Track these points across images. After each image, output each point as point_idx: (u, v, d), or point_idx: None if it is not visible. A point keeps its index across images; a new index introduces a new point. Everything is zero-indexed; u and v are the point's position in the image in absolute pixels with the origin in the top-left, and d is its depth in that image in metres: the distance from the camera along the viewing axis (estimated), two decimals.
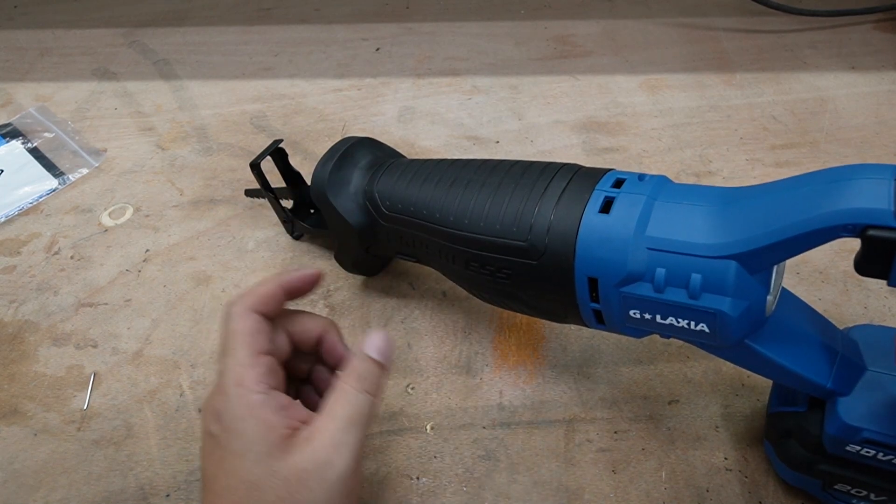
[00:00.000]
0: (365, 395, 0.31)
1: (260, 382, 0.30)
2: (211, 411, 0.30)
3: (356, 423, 0.30)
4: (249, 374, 0.30)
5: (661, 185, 0.32)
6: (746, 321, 0.29)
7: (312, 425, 0.29)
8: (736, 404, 0.40)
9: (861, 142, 0.58)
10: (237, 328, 0.31)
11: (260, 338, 0.32)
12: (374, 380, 0.32)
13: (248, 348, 0.31)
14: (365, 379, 0.31)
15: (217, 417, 0.30)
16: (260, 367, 0.31)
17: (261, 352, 0.31)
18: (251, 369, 0.30)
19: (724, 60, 0.69)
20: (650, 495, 0.37)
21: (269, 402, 0.30)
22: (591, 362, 0.43)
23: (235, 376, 0.30)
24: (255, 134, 0.64)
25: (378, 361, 0.32)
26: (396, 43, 0.76)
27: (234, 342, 0.31)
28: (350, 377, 0.31)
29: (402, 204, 0.40)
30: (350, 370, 0.31)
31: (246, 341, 0.31)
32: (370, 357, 0.32)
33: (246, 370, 0.30)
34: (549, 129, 0.62)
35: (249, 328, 0.31)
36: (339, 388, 0.31)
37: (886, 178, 0.25)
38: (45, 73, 0.74)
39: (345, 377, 0.31)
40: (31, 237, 0.55)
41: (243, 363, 0.30)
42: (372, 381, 0.31)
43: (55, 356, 0.46)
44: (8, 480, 0.39)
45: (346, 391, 0.30)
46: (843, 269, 0.47)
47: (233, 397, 0.29)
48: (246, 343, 0.31)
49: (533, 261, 0.33)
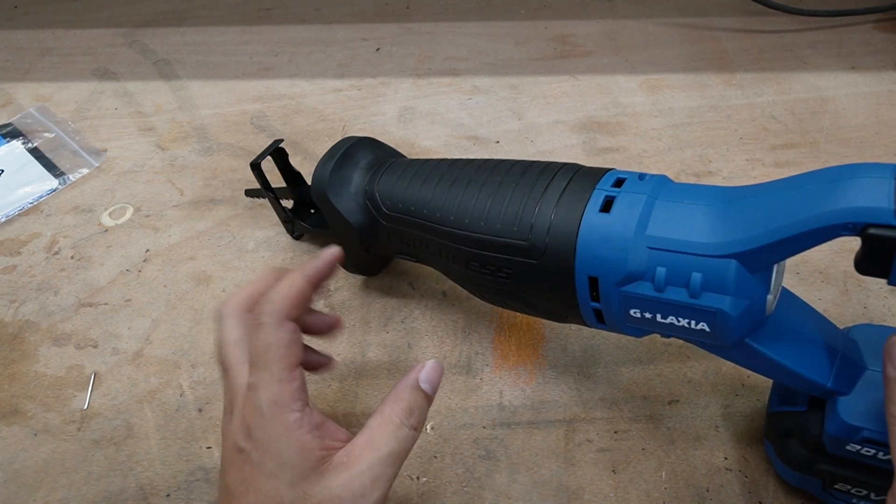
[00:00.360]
0: (412, 430, 0.30)
1: (296, 400, 0.29)
2: (241, 426, 0.29)
3: (398, 457, 0.29)
4: (286, 391, 0.29)
5: (662, 185, 0.32)
6: (747, 320, 0.29)
7: (352, 450, 0.29)
8: (736, 404, 0.40)
9: (861, 142, 0.58)
10: (272, 341, 0.30)
11: (295, 349, 0.30)
12: (422, 414, 0.30)
13: (283, 362, 0.29)
14: (413, 413, 0.30)
15: (248, 434, 0.29)
16: (295, 381, 0.29)
17: (296, 364, 0.30)
18: (288, 385, 0.29)
19: (724, 60, 0.69)
20: (650, 495, 0.36)
21: (305, 422, 0.29)
22: (591, 362, 0.43)
23: (271, 394, 0.29)
24: (255, 134, 0.64)
25: (427, 394, 0.31)
26: (396, 43, 0.76)
27: (268, 356, 0.29)
28: (400, 409, 0.30)
29: (403, 203, 0.40)
30: (400, 400, 0.30)
31: (282, 355, 0.29)
32: (422, 389, 0.31)
33: (283, 387, 0.29)
34: (549, 129, 0.62)
35: (285, 340, 0.30)
36: (387, 418, 0.30)
37: (886, 177, 0.25)
38: (45, 73, 0.74)
39: (394, 407, 0.30)
40: (32, 237, 0.55)
41: (280, 379, 0.29)
42: (419, 415, 0.30)
43: (55, 356, 0.46)
44: (8, 480, 0.39)
45: (394, 423, 0.29)
46: (843, 269, 0.47)
47: (268, 416, 0.28)
48: (281, 357, 0.29)
49: (533, 260, 0.33)
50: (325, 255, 0.34)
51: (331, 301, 0.48)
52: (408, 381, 0.31)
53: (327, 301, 0.48)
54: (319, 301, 0.48)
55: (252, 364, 0.30)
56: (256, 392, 0.29)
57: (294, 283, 0.32)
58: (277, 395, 0.29)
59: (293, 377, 0.29)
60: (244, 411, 0.29)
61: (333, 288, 0.49)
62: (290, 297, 0.31)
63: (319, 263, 0.33)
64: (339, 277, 0.49)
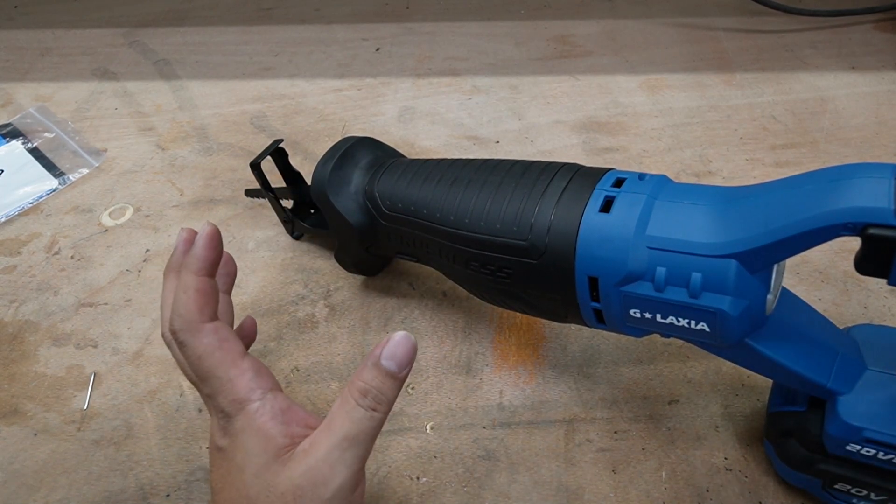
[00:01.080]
0: (368, 411, 0.28)
1: (253, 390, 0.29)
2: (218, 427, 0.30)
3: (355, 440, 0.28)
4: (239, 387, 0.29)
5: (662, 185, 0.32)
6: (746, 320, 0.29)
7: (311, 437, 0.28)
8: (736, 404, 0.40)
9: (861, 142, 0.58)
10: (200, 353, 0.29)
11: (228, 346, 0.30)
12: (383, 394, 0.29)
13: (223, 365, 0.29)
14: (370, 393, 0.28)
15: (224, 432, 0.29)
16: (245, 374, 0.29)
17: (237, 358, 0.30)
18: (239, 381, 0.29)
19: (724, 60, 0.69)
20: (650, 495, 0.36)
21: (266, 409, 0.29)
22: (591, 362, 0.43)
23: (227, 397, 0.29)
24: (255, 134, 0.64)
25: (390, 372, 0.29)
26: (396, 43, 0.76)
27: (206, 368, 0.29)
28: (355, 389, 0.28)
29: (403, 203, 0.40)
30: (356, 381, 0.29)
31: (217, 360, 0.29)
32: (382, 367, 0.29)
33: (234, 386, 0.29)
34: (549, 129, 0.62)
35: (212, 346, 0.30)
36: (343, 400, 0.29)
37: (886, 177, 0.25)
38: (45, 73, 0.74)
39: (350, 388, 0.29)
40: (32, 237, 0.55)
41: (229, 379, 0.29)
42: (379, 395, 0.28)
43: (55, 356, 0.46)
44: (8, 480, 0.39)
45: (349, 405, 0.28)
46: (843, 269, 0.47)
47: (232, 414, 0.29)
48: (219, 362, 0.29)
49: (533, 260, 0.33)
50: (201, 239, 0.32)
51: (331, 301, 0.48)
52: (368, 359, 0.29)
53: (327, 301, 0.48)
54: (320, 301, 0.48)
55: (199, 379, 0.30)
56: (216, 400, 0.29)
57: (187, 285, 0.31)
58: (234, 395, 0.29)
59: (241, 371, 0.29)
60: (215, 416, 0.30)
61: (333, 288, 0.49)
62: (191, 302, 0.30)
63: (198, 250, 0.31)
64: (339, 277, 0.49)
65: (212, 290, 0.31)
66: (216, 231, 0.32)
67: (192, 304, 0.30)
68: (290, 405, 0.30)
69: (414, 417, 0.41)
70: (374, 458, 0.39)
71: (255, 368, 0.30)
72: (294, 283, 0.49)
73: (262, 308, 0.47)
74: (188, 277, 0.31)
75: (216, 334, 0.30)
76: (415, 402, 0.42)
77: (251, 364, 0.30)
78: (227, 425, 0.29)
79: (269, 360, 0.44)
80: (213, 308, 0.31)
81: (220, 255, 0.33)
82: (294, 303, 0.48)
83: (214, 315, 0.31)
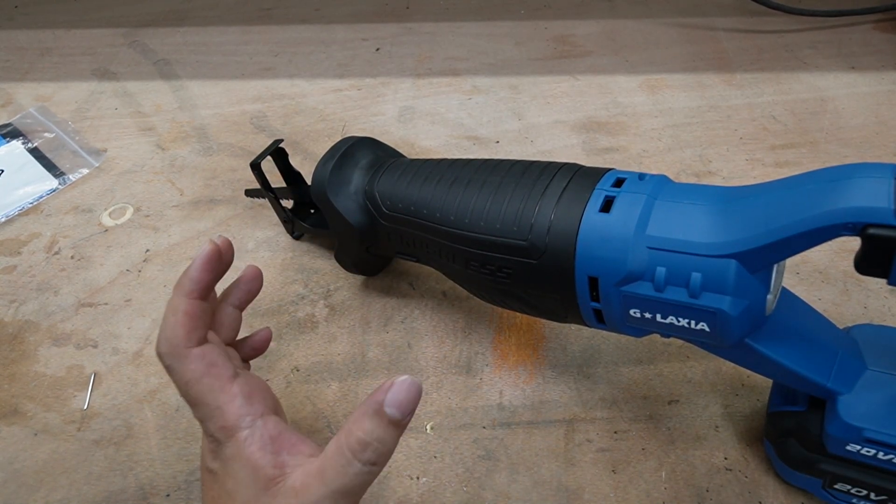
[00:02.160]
0: (366, 466, 0.26)
1: (243, 417, 0.29)
2: (208, 450, 0.29)
3: (349, 493, 0.26)
4: (228, 413, 0.28)
5: (662, 185, 0.32)
6: (746, 320, 0.29)
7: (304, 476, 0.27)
8: (736, 404, 0.40)
9: (861, 142, 0.58)
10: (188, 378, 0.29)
11: (216, 370, 0.29)
12: (384, 445, 0.26)
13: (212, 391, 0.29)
14: (370, 446, 0.26)
15: (215, 455, 0.29)
16: (235, 399, 0.29)
17: (226, 383, 0.29)
18: (228, 407, 0.29)
19: (724, 60, 0.69)
20: (650, 495, 0.36)
21: (256, 438, 0.28)
22: (591, 362, 0.43)
23: (216, 423, 0.29)
24: (255, 134, 0.64)
25: (393, 420, 0.26)
26: (396, 43, 0.76)
27: (194, 394, 0.29)
28: (353, 440, 0.26)
29: (403, 203, 0.40)
30: (356, 430, 0.26)
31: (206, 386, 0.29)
32: (385, 415, 0.26)
33: (224, 412, 0.29)
34: (549, 129, 0.62)
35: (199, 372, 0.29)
36: (338, 449, 0.26)
37: (886, 177, 0.25)
38: (45, 73, 0.74)
39: (348, 437, 0.26)
40: (32, 237, 0.55)
41: (218, 405, 0.29)
42: (379, 448, 0.26)
43: (55, 356, 0.46)
44: (8, 480, 0.39)
45: (345, 458, 0.26)
46: (843, 268, 0.47)
47: (222, 440, 0.29)
48: (208, 388, 0.29)
49: (533, 260, 0.33)
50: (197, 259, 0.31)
51: (331, 301, 0.48)
52: (367, 406, 0.27)
53: (327, 301, 0.48)
54: (320, 301, 0.48)
55: (189, 404, 0.30)
56: (205, 425, 0.29)
57: (176, 308, 0.30)
58: (222, 422, 0.29)
59: (230, 398, 0.29)
60: (206, 439, 0.30)
61: (333, 288, 0.49)
62: (178, 326, 0.29)
63: (192, 271, 0.31)
64: (339, 277, 0.49)
65: (202, 312, 0.30)
66: (216, 252, 0.31)
67: (179, 328, 0.29)
68: (280, 431, 0.29)
69: (414, 417, 0.41)
70: None
71: (246, 393, 0.29)
72: (294, 283, 0.49)
73: (262, 308, 0.48)
74: (177, 299, 0.30)
75: (203, 360, 0.29)
76: None
77: (241, 388, 0.29)
78: (217, 450, 0.29)
79: (269, 360, 0.44)
80: (202, 332, 0.30)
81: (218, 276, 0.32)
82: (294, 303, 0.48)
83: (203, 339, 0.30)
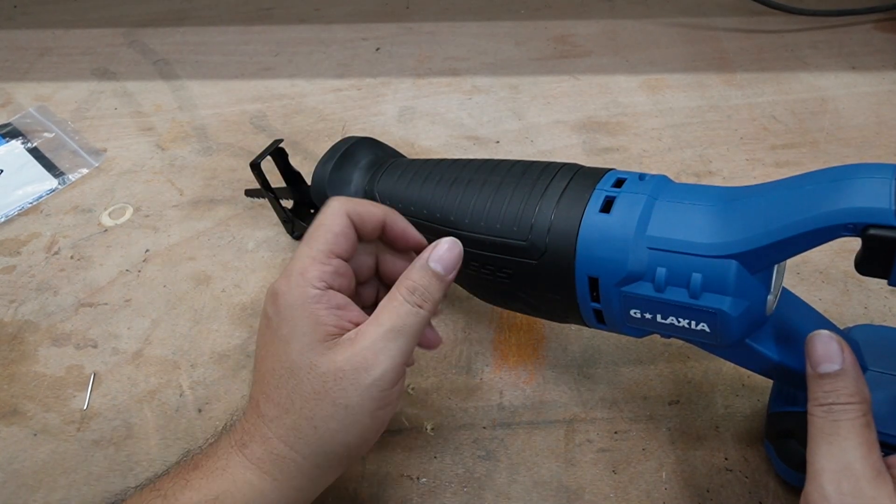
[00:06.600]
0: (415, 307, 0.30)
1: (322, 280, 0.30)
2: (271, 292, 0.31)
3: (400, 333, 0.29)
4: (316, 267, 0.30)
5: (662, 185, 0.32)
6: (747, 321, 0.29)
7: (359, 329, 0.30)
8: (736, 404, 0.40)
9: (861, 142, 0.58)
10: (325, 222, 0.31)
11: (342, 240, 0.31)
12: (429, 293, 0.31)
13: (325, 244, 0.31)
14: (417, 291, 0.30)
15: (274, 299, 0.30)
16: (329, 266, 0.31)
17: (337, 254, 0.31)
18: (319, 264, 0.30)
19: (724, 60, 0.69)
20: (650, 495, 0.36)
21: (323, 299, 0.30)
22: (591, 362, 0.43)
23: (302, 265, 0.30)
24: (255, 134, 0.64)
25: (437, 273, 0.31)
26: (396, 43, 0.76)
27: (316, 234, 0.31)
28: (403, 287, 0.31)
29: (403, 203, 0.40)
30: (406, 279, 0.31)
31: (327, 238, 0.31)
32: (430, 269, 0.31)
33: (314, 263, 0.30)
34: (550, 129, 0.62)
35: (337, 227, 0.31)
36: (390, 297, 0.31)
37: (887, 178, 0.25)
38: (45, 73, 0.74)
39: (398, 286, 0.31)
40: (31, 237, 0.55)
41: (315, 256, 0.30)
42: (426, 293, 0.31)
43: (55, 356, 0.46)
44: (8, 480, 0.39)
45: (397, 301, 0.30)
46: (843, 269, 0.47)
47: (293, 285, 0.30)
48: (326, 239, 0.31)
49: (533, 260, 0.33)
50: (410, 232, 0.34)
51: None
52: (417, 261, 0.32)
53: None
54: None
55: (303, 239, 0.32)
56: (292, 262, 0.31)
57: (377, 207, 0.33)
58: (305, 269, 0.30)
59: (328, 261, 0.31)
60: (279, 279, 0.31)
61: None
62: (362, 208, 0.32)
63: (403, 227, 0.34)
64: None
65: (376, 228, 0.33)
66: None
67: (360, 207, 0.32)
68: (348, 304, 0.31)
69: (414, 417, 0.41)
70: (374, 458, 0.39)
71: (340, 272, 0.31)
72: None
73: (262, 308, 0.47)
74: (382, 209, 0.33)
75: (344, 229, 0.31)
76: (415, 402, 0.42)
77: (340, 266, 0.31)
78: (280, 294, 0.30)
79: None
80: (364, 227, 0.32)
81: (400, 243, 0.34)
82: None
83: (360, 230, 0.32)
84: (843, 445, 0.26)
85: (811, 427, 0.28)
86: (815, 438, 0.27)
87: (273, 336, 0.30)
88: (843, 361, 0.28)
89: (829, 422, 0.27)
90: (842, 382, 0.27)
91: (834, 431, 0.27)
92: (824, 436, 0.27)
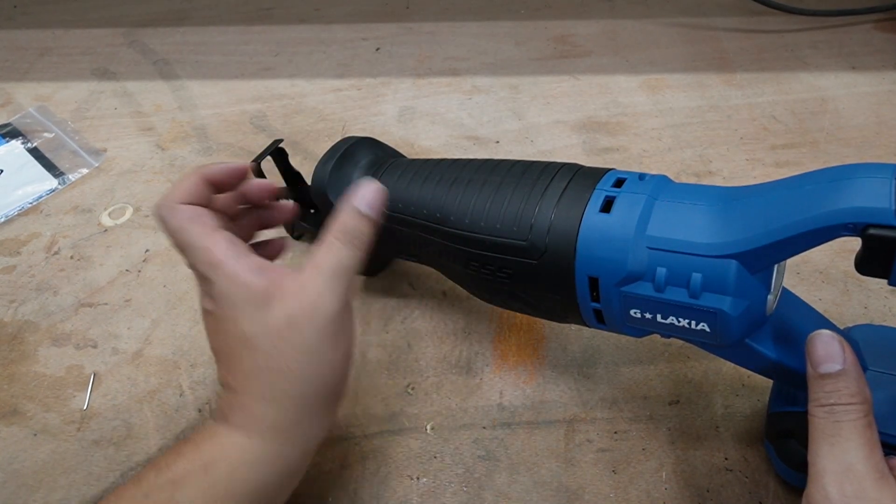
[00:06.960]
0: (351, 248, 0.32)
1: (227, 252, 0.31)
2: (203, 293, 0.32)
3: (341, 273, 0.31)
4: (214, 252, 0.31)
5: (662, 185, 0.32)
6: (747, 320, 0.29)
7: (300, 277, 0.31)
8: (736, 404, 0.40)
9: (861, 142, 0.58)
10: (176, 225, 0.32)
11: (201, 220, 0.32)
12: (361, 234, 0.33)
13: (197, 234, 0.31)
14: (350, 233, 0.32)
15: (209, 296, 0.31)
16: (220, 242, 0.31)
17: (211, 230, 0.32)
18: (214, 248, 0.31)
19: (724, 60, 0.69)
20: (650, 495, 0.36)
21: (241, 266, 0.31)
22: (591, 362, 0.43)
23: (204, 260, 0.31)
24: (255, 134, 0.64)
25: (366, 215, 0.33)
26: (396, 43, 0.76)
27: (183, 237, 0.32)
28: (337, 231, 0.32)
29: (403, 203, 0.40)
30: (338, 223, 0.33)
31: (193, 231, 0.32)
32: (359, 211, 0.33)
33: (209, 252, 0.31)
34: (550, 129, 0.62)
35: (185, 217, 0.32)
36: (327, 242, 0.32)
37: (887, 178, 0.25)
38: (45, 73, 0.74)
39: (333, 231, 0.32)
40: (31, 237, 0.55)
41: (203, 246, 0.31)
42: (358, 235, 0.33)
43: (55, 356, 0.46)
44: (8, 480, 0.39)
45: (333, 244, 0.32)
46: (843, 269, 0.47)
47: (211, 275, 0.31)
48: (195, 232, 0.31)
49: (533, 260, 0.33)
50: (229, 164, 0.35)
51: None
52: (344, 207, 0.33)
53: None
54: None
55: (181, 251, 0.32)
56: (196, 268, 0.32)
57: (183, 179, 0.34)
58: (209, 257, 0.31)
59: (215, 240, 0.31)
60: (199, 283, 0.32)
61: None
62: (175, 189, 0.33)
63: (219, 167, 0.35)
64: None
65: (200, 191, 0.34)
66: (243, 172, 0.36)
67: (175, 190, 0.33)
68: (266, 264, 0.32)
69: (414, 417, 0.41)
70: (374, 458, 0.39)
71: (230, 239, 0.32)
72: None
73: None
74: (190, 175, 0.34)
75: (190, 211, 0.32)
76: (415, 402, 0.42)
77: (226, 236, 0.32)
78: (209, 289, 0.31)
79: None
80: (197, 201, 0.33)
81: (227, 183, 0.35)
82: None
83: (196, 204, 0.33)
84: (845, 446, 0.26)
85: (812, 428, 0.28)
86: (817, 439, 0.27)
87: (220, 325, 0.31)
88: (844, 361, 0.28)
89: (831, 422, 0.27)
90: (843, 383, 0.27)
91: (836, 432, 0.27)
92: (826, 437, 0.27)
